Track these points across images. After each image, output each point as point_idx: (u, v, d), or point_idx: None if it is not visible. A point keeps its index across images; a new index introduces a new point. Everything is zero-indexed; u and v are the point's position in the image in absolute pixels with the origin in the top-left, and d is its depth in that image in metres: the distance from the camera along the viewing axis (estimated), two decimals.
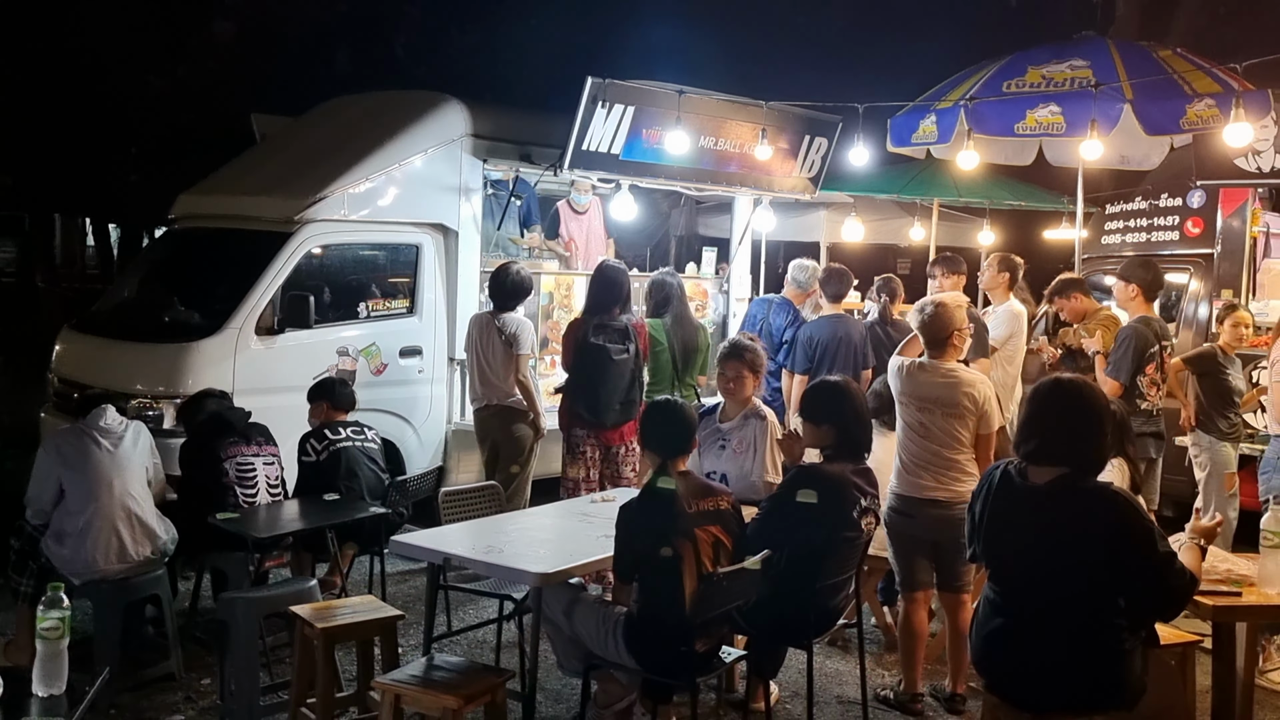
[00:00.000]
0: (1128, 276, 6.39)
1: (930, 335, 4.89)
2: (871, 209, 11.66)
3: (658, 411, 4.23)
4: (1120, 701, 3.33)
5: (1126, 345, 6.10)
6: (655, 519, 3.88)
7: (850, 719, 4.73)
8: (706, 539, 3.89)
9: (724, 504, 4.06)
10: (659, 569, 3.81)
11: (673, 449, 4.06)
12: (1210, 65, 7.23)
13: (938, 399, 4.80)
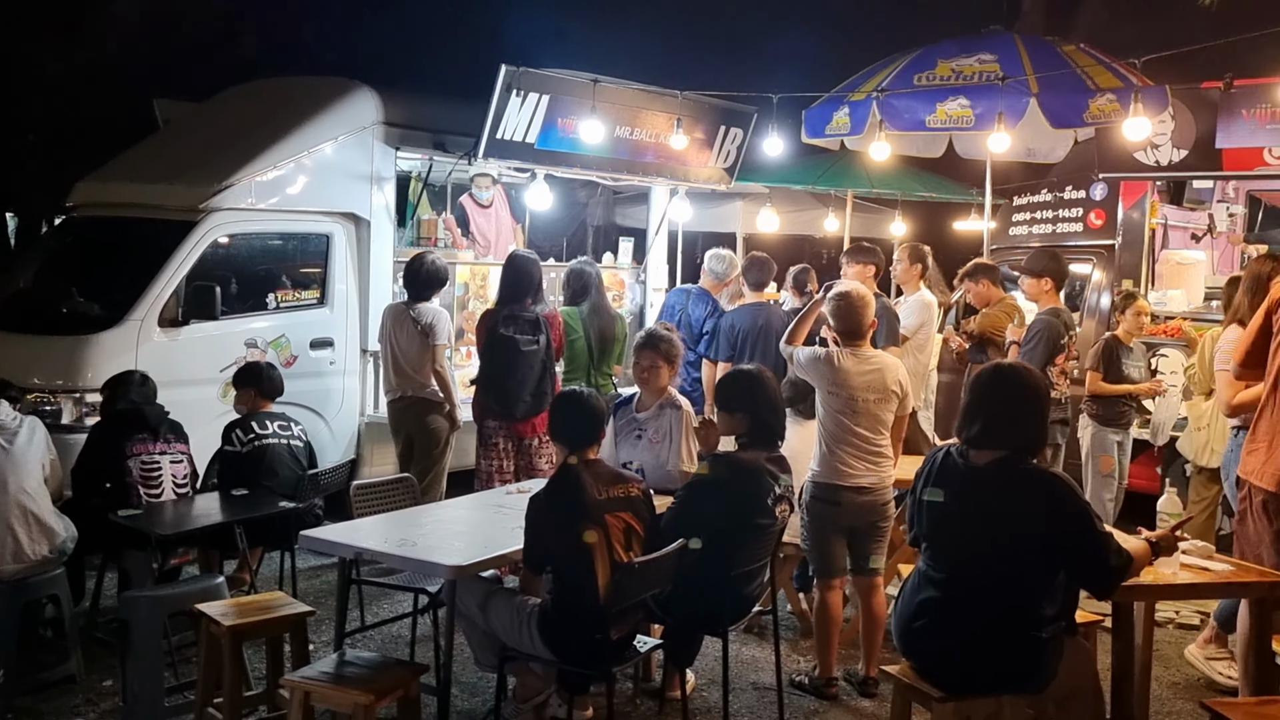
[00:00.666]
0: (1040, 270, 6.52)
1: (854, 324, 4.93)
2: (787, 200, 11.77)
3: (566, 402, 4.22)
4: (1034, 686, 3.47)
5: (1040, 337, 6.26)
6: (565, 508, 3.87)
7: (766, 705, 4.77)
8: (618, 525, 3.90)
9: (634, 491, 4.06)
10: (571, 558, 3.80)
11: (581, 440, 4.05)
12: (1111, 61, 7.43)
13: (869, 385, 4.87)
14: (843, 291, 5.00)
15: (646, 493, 4.15)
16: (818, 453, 4.91)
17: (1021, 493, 3.43)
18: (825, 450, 4.88)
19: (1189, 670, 5.34)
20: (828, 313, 5.00)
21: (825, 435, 4.88)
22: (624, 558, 3.84)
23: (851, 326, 4.92)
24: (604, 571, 3.75)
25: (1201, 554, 4.01)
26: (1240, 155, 7.53)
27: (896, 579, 5.10)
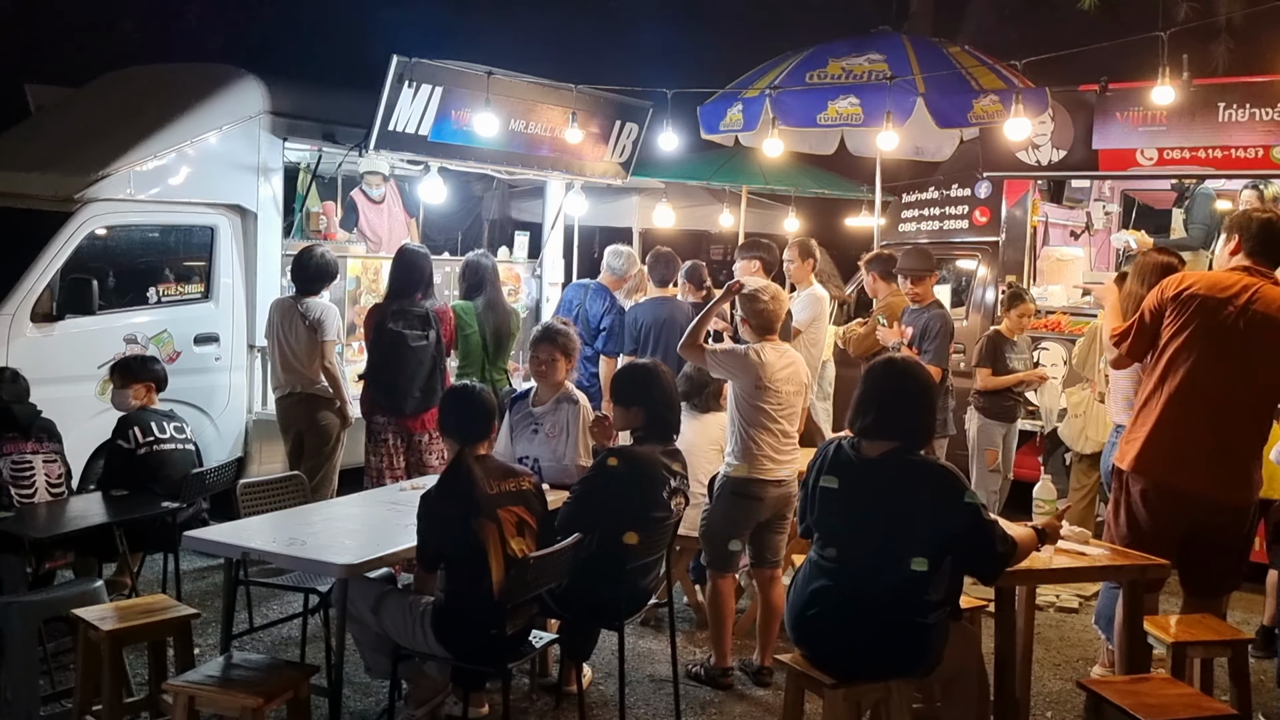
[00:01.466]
0: (928, 269, 6.69)
1: (771, 320, 4.99)
2: (683, 195, 11.84)
3: (455, 398, 4.18)
4: (921, 670, 3.56)
5: (940, 332, 6.44)
6: (458, 504, 3.83)
7: (662, 696, 4.80)
8: (510, 519, 3.87)
9: (526, 484, 4.04)
10: (465, 554, 3.76)
11: (472, 435, 4.02)
12: (994, 63, 7.65)
13: (790, 378, 4.95)
14: (759, 289, 5.04)
15: (538, 486, 4.14)
16: (738, 448, 4.91)
17: (911, 483, 3.52)
18: (747, 446, 4.87)
19: (1069, 651, 5.54)
20: (744, 311, 5.00)
21: (747, 431, 4.87)
22: (517, 552, 3.82)
23: (768, 322, 4.97)
24: (498, 567, 3.73)
25: (1079, 539, 4.16)
26: (1115, 156, 7.81)
27: (790, 568, 5.18)
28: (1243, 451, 4.22)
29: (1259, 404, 4.21)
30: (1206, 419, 4.18)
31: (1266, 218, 4.32)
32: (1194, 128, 7.33)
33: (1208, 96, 7.27)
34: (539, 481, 4.17)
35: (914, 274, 6.72)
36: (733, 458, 4.93)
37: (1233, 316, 4.16)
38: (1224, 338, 4.16)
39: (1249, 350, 4.14)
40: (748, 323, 4.99)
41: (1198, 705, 3.51)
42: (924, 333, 6.49)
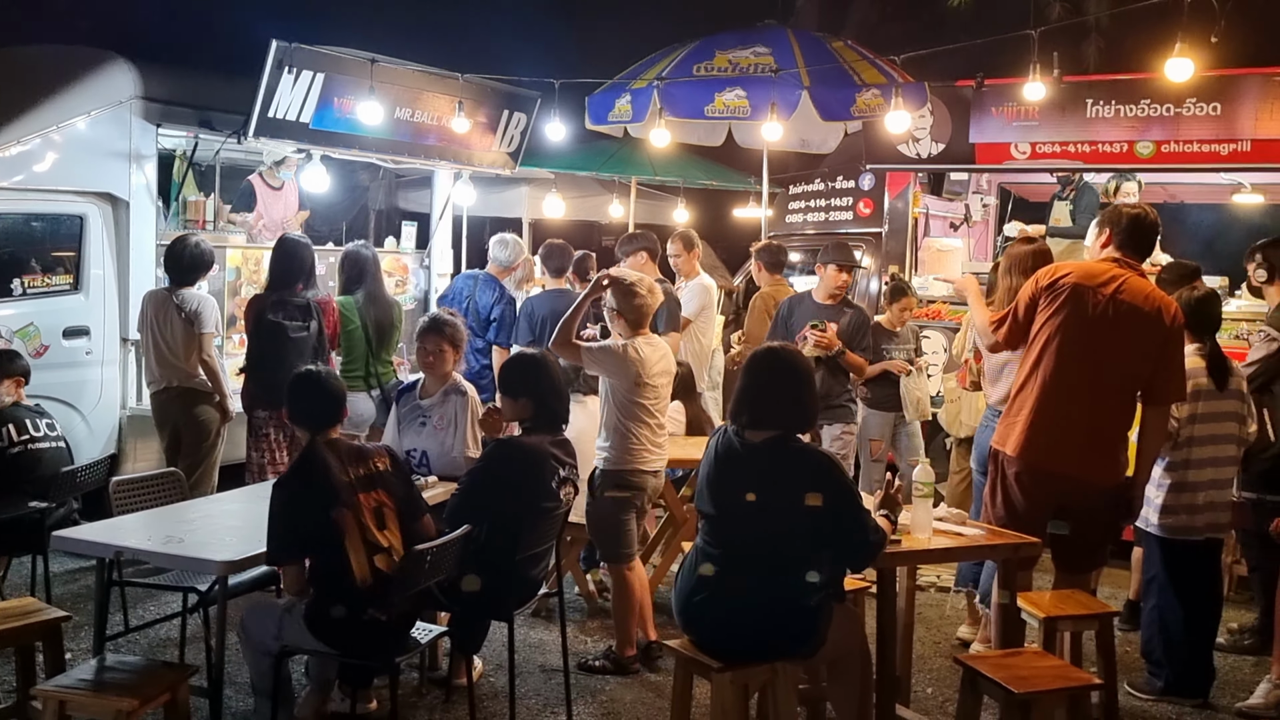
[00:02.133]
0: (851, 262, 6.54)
1: (647, 314, 5.02)
2: (572, 185, 11.82)
3: (303, 384, 4.07)
4: (806, 652, 3.64)
5: (867, 328, 6.41)
6: (312, 494, 3.75)
7: (553, 686, 4.80)
8: (368, 504, 3.81)
9: (380, 464, 3.96)
10: (327, 544, 3.71)
11: (323, 420, 3.95)
12: (875, 57, 7.81)
13: (664, 370, 5.01)
14: (635, 282, 5.04)
15: (396, 464, 4.05)
16: (614, 440, 4.93)
17: (792, 469, 3.60)
18: (625, 437, 4.91)
19: (949, 629, 5.72)
20: (620, 305, 4.99)
21: (624, 423, 4.91)
22: (380, 538, 3.76)
23: (643, 317, 5.00)
24: (356, 554, 3.69)
25: (956, 520, 4.29)
26: (991, 149, 8.02)
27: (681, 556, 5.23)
28: (1111, 434, 4.40)
29: (1125, 389, 4.39)
30: (1077, 403, 4.34)
31: (1136, 213, 4.51)
32: (1064, 123, 7.58)
33: (1077, 93, 7.53)
34: (396, 459, 4.09)
35: (846, 264, 6.45)
36: (611, 451, 4.95)
37: (1102, 305, 4.33)
38: (1093, 325, 4.33)
39: (1116, 337, 4.32)
40: (621, 317, 4.98)
41: (1065, 676, 3.66)
42: (856, 331, 6.31)
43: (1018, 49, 7.08)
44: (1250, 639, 5.52)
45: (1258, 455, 5.12)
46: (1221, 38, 6.65)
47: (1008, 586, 4.15)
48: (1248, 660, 5.37)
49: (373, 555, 3.72)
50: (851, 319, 6.29)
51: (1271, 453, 5.09)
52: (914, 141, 8.26)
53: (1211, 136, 7.13)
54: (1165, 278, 5.56)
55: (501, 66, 8.48)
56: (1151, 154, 7.36)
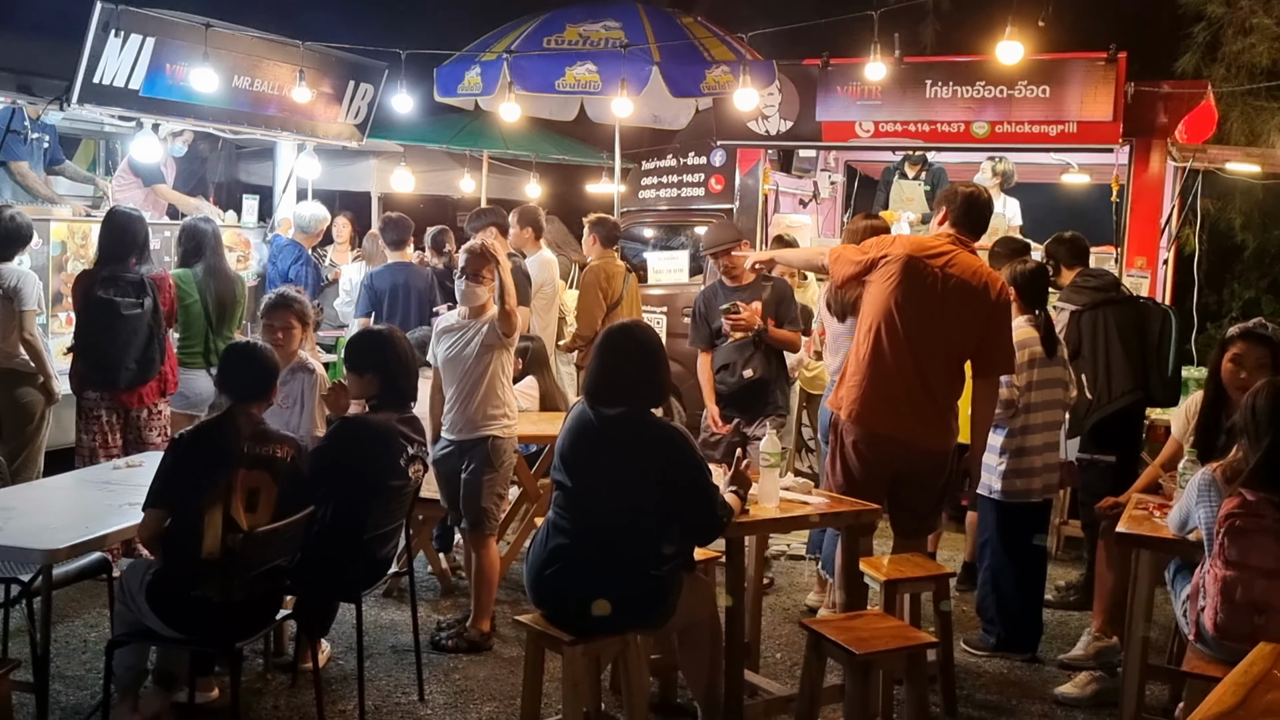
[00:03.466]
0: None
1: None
2: (423, 159, 11.59)
3: (234, 354, 4.06)
4: (657, 621, 3.69)
5: (791, 298, 6.11)
6: (206, 451, 3.72)
7: (405, 667, 4.73)
8: (246, 482, 3.73)
9: (280, 453, 3.87)
10: (193, 504, 3.63)
11: (247, 393, 3.91)
12: (724, 34, 7.89)
13: (497, 342, 5.01)
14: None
15: (295, 460, 3.94)
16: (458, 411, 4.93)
17: (643, 443, 3.64)
18: (461, 407, 4.92)
19: (798, 596, 5.87)
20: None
21: (459, 392, 4.92)
22: (242, 519, 3.66)
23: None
24: (215, 525, 3.61)
25: (802, 489, 4.40)
26: (837, 128, 8.20)
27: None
28: (940, 402, 4.56)
29: (952, 359, 4.56)
30: (909, 372, 4.50)
31: (969, 192, 4.69)
32: (905, 103, 7.81)
33: (917, 74, 7.76)
34: (298, 454, 3.98)
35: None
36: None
37: (932, 278, 4.49)
38: (925, 297, 4.48)
39: (945, 309, 4.48)
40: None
41: (904, 636, 3.80)
42: (780, 303, 5.81)
43: (863, 29, 7.25)
44: (1076, 595, 5.83)
45: (1083, 417, 5.41)
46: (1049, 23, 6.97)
47: (850, 552, 4.28)
48: (1074, 615, 5.67)
49: (228, 532, 3.62)
50: (772, 292, 5.79)
51: (1097, 414, 5.37)
52: (763, 119, 8.39)
53: (1041, 118, 7.45)
54: (998, 251, 5.82)
55: (347, 36, 8.24)
56: (987, 134, 7.65)
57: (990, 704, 4.63)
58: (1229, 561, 3.44)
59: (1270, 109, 8.32)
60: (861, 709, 3.65)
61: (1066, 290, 5.69)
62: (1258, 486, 3.44)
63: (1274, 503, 3.41)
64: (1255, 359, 4.25)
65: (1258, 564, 3.40)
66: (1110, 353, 5.34)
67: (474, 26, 8.25)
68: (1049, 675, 4.91)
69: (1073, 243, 5.81)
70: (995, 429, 4.98)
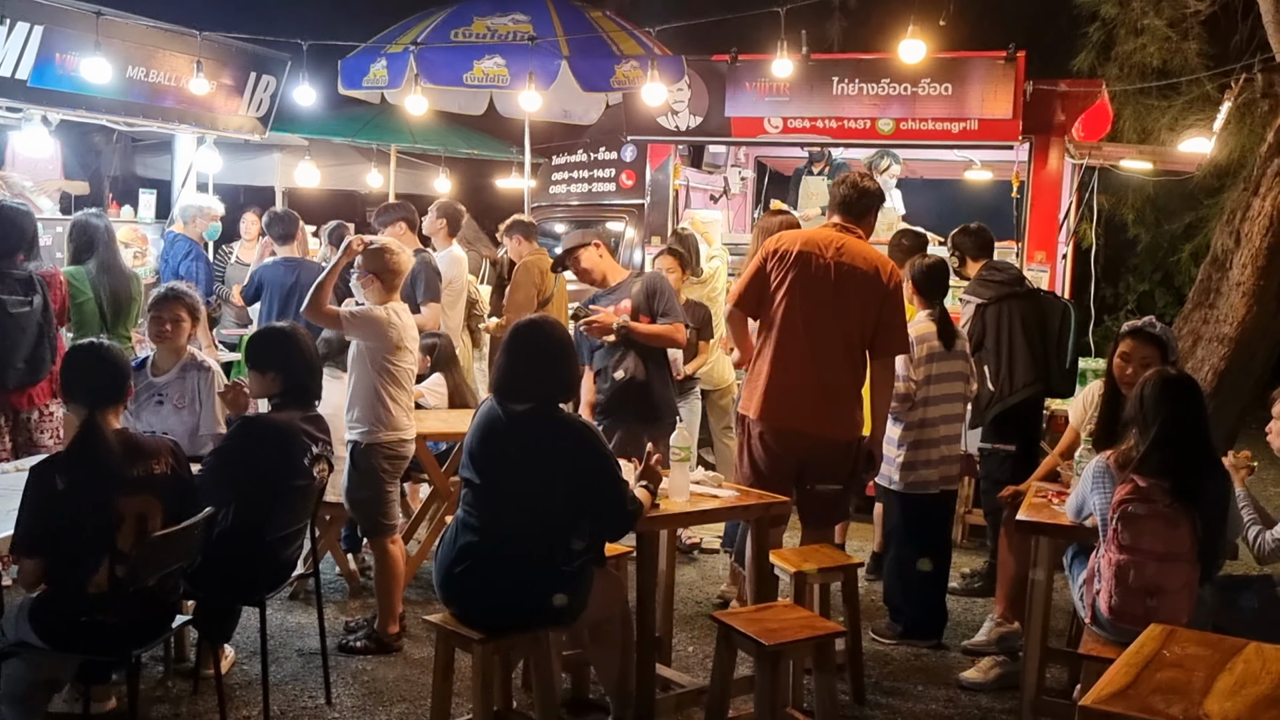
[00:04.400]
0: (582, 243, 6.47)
1: (401, 272, 4.96)
2: (328, 153, 11.37)
3: (77, 356, 3.76)
4: (568, 618, 3.67)
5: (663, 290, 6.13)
6: (82, 480, 3.43)
7: (312, 670, 4.63)
8: (131, 510, 3.52)
9: (159, 468, 3.64)
10: (75, 536, 3.42)
11: (103, 397, 3.62)
12: (633, 28, 7.88)
13: (415, 338, 4.98)
14: (384, 243, 4.97)
15: (178, 469, 3.76)
16: (378, 414, 4.81)
17: (552, 439, 3.62)
18: (389, 408, 4.81)
19: (710, 589, 5.90)
20: (375, 268, 4.88)
21: (387, 393, 4.81)
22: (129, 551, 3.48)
23: (396, 278, 4.93)
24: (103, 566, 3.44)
25: (712, 483, 4.42)
26: (746, 123, 8.23)
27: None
28: (842, 391, 4.63)
29: (852, 346, 4.63)
30: (810, 363, 4.56)
31: (853, 180, 4.79)
32: (812, 99, 7.88)
33: (824, 71, 7.84)
34: (177, 463, 3.82)
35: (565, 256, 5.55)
36: (371, 424, 4.83)
37: (825, 268, 4.57)
38: (819, 288, 4.56)
39: (840, 298, 4.56)
40: (377, 279, 4.86)
41: (812, 626, 3.85)
42: (650, 297, 5.32)
43: (772, 25, 7.30)
44: (980, 582, 5.97)
45: (986, 409, 5.53)
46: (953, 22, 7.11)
47: (760, 544, 4.31)
48: (978, 602, 5.80)
49: (115, 564, 3.44)
50: (641, 287, 5.40)
51: (999, 405, 5.50)
52: (673, 114, 8.39)
53: (944, 115, 7.57)
54: (897, 243, 5.94)
55: (248, 26, 8.05)
56: (892, 131, 7.75)
57: (897, 690, 4.71)
58: (1122, 546, 3.55)
59: (1160, 107, 8.60)
60: (771, 699, 3.68)
61: (973, 284, 5.80)
62: (1148, 473, 3.56)
63: (1164, 489, 3.53)
64: (1142, 357, 4.41)
65: (1149, 548, 3.51)
66: (1013, 346, 5.48)
67: (379, 18, 8.12)
68: (954, 661, 5.01)
69: (979, 234, 5.93)
70: (894, 422, 5.08)
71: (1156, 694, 2.49)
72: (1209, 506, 3.57)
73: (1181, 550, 3.51)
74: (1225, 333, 6.32)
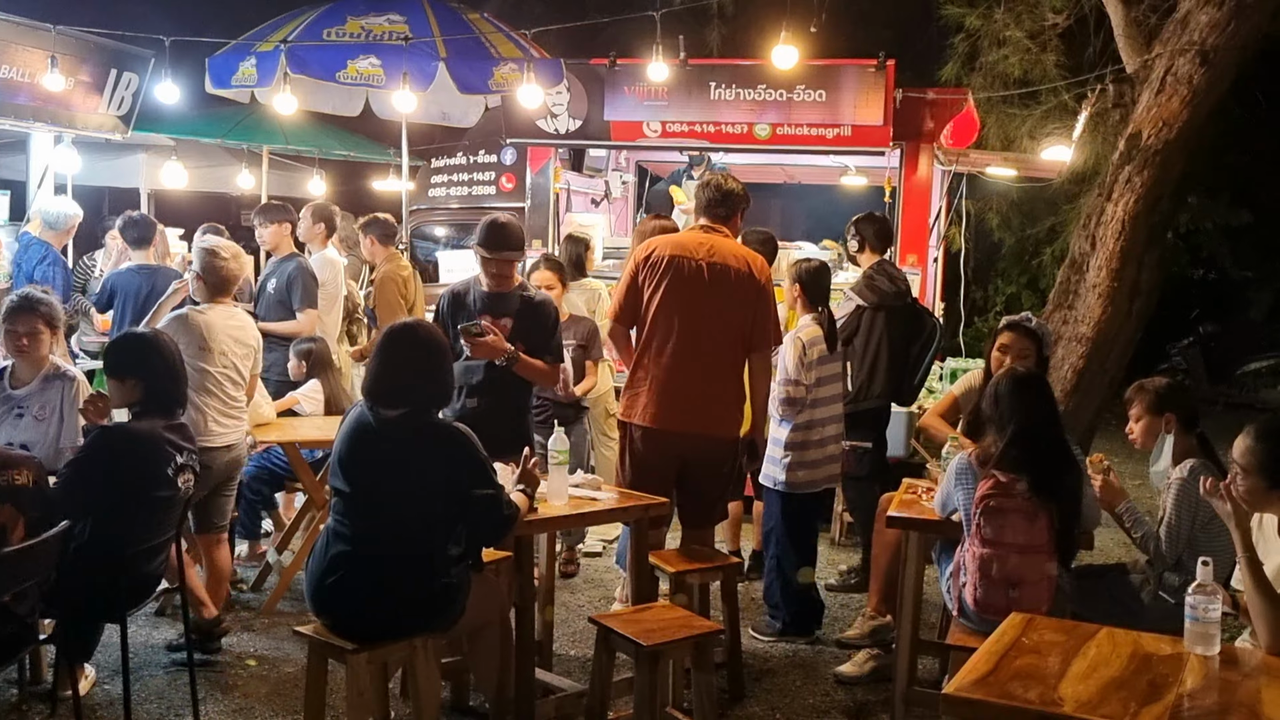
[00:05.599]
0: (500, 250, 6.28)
1: (227, 279, 4.96)
2: (197, 153, 11.00)
3: None
4: (445, 625, 3.63)
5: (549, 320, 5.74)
6: None
7: (178, 689, 4.47)
8: None
9: (20, 478, 3.55)
10: None
11: None
12: (511, 31, 7.84)
13: (241, 342, 4.94)
14: (219, 245, 4.95)
15: (40, 481, 3.64)
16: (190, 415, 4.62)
17: (427, 445, 3.58)
18: (191, 411, 4.65)
19: (593, 592, 5.90)
20: (201, 267, 4.91)
21: (193, 396, 4.68)
22: None
23: (223, 281, 4.93)
24: None
25: (591, 486, 4.42)
26: (625, 127, 8.26)
27: None
28: (726, 389, 4.70)
29: (731, 343, 4.70)
30: (690, 365, 4.61)
31: (715, 182, 4.86)
32: (690, 104, 7.96)
33: (701, 76, 7.92)
34: (38, 474, 3.65)
35: (493, 252, 4.65)
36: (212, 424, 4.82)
37: (697, 269, 4.63)
38: (693, 290, 4.62)
39: (715, 297, 4.63)
40: (201, 279, 4.89)
41: (690, 625, 3.87)
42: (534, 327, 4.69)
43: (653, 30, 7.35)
44: (857, 578, 6.10)
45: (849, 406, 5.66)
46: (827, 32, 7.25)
47: (639, 545, 4.32)
48: (855, 597, 5.93)
49: None
50: (525, 309, 4.68)
51: (850, 407, 5.63)
52: (552, 117, 8.37)
53: (819, 121, 7.73)
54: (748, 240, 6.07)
55: (108, 21, 7.74)
56: (769, 136, 7.88)
57: (776, 687, 4.77)
58: (985, 540, 3.67)
59: (1021, 115, 8.94)
60: (650, 699, 3.69)
61: (861, 283, 5.94)
62: (1007, 468, 3.70)
63: (1023, 483, 3.66)
64: (1020, 349, 4.61)
65: (1011, 541, 3.64)
66: (878, 356, 5.66)
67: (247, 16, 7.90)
68: (831, 656, 5.11)
69: (882, 224, 6.06)
70: (780, 423, 5.16)
71: (1015, 680, 2.58)
72: (1065, 499, 3.73)
73: (1040, 542, 3.65)
74: (1083, 332, 6.59)
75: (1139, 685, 2.57)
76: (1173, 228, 11.43)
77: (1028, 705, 2.44)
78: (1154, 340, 12.75)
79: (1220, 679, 2.69)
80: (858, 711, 4.58)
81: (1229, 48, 6.24)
